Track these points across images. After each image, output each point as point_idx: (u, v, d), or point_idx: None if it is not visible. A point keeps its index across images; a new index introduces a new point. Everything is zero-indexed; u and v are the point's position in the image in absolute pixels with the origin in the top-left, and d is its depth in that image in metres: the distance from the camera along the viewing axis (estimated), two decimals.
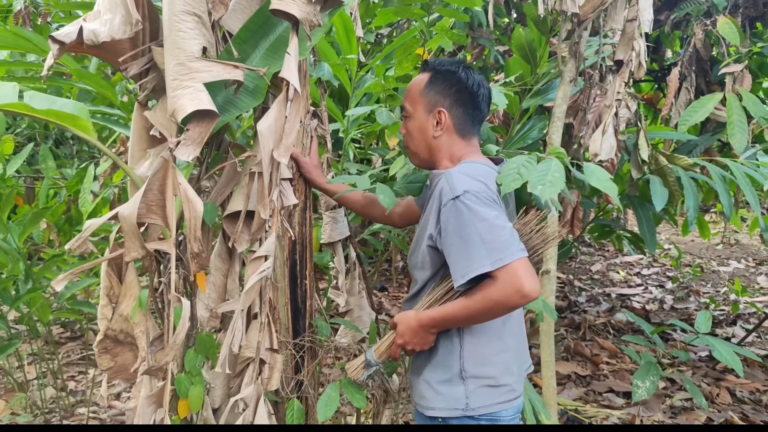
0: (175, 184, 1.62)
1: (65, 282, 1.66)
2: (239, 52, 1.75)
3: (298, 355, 2.02)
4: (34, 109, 1.55)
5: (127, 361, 2.01)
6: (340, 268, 2.20)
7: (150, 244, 1.66)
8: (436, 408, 1.61)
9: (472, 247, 1.47)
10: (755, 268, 6.78)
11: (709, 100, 3.67)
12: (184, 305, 1.66)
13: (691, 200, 3.16)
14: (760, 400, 3.91)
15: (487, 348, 1.62)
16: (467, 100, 1.69)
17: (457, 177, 1.55)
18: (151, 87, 1.74)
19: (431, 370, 1.64)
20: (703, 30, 4.00)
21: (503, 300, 1.45)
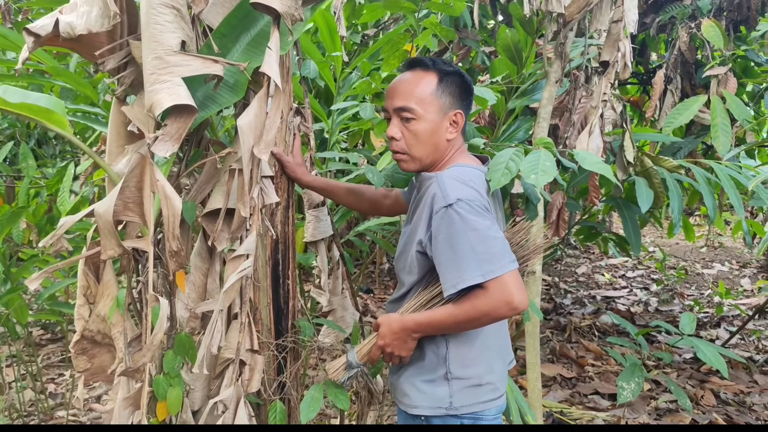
0: (153, 181, 1.58)
1: (39, 281, 1.61)
2: (219, 46, 1.72)
3: (281, 357, 1.99)
4: (7, 102, 1.51)
5: (105, 363, 1.97)
6: (323, 267, 2.17)
7: (127, 242, 1.62)
8: (419, 407, 1.60)
9: (463, 257, 1.45)
10: (739, 271, 6.82)
11: (694, 103, 3.68)
12: (162, 305, 1.62)
13: (675, 202, 3.16)
14: (744, 402, 3.92)
15: (471, 349, 1.60)
16: (469, 101, 1.71)
17: (449, 183, 1.52)
18: (129, 82, 1.70)
19: (415, 370, 1.63)
20: (688, 33, 4.02)
21: (491, 311, 1.45)
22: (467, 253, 1.45)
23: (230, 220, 1.77)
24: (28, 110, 1.56)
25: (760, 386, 4.15)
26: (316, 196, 2.23)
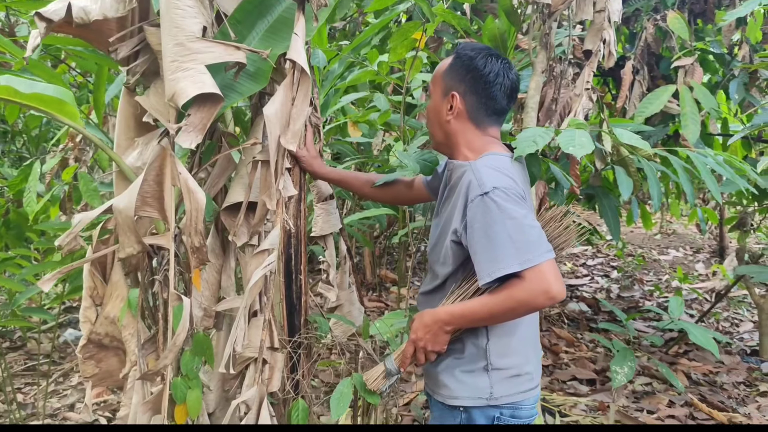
0: (174, 174, 1.51)
1: (52, 282, 1.52)
2: (235, 33, 1.65)
3: (296, 355, 1.94)
4: (20, 92, 1.41)
5: (112, 367, 1.88)
6: (332, 262, 2.12)
7: (147, 238, 1.54)
8: (460, 397, 1.58)
9: (499, 246, 1.43)
10: (693, 256, 7.09)
11: (664, 92, 3.78)
12: (185, 303, 1.55)
13: (654, 189, 3.23)
14: (715, 381, 4.07)
15: (511, 340, 1.59)
16: (481, 88, 1.62)
17: (485, 171, 1.51)
18: (141, 71, 1.62)
19: (454, 361, 1.61)
20: (654, 25, 4.12)
21: (529, 301, 1.42)
22: (504, 241, 1.42)
23: (248, 214, 1.71)
24: (40, 101, 1.47)
25: (726, 366, 4.31)
26: (326, 189, 2.17)
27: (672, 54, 4.41)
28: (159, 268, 1.69)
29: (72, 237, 1.49)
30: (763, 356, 4.45)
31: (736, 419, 3.51)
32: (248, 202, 1.69)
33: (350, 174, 2.04)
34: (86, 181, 3.14)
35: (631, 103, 4.05)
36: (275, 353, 1.79)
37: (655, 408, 3.67)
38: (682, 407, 3.69)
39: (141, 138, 1.68)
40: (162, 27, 1.48)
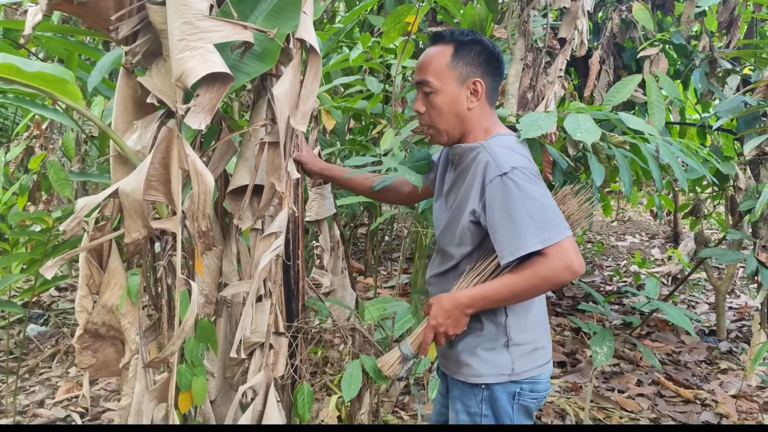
0: (182, 156, 1.47)
1: (55, 268, 1.47)
2: (237, 13, 1.62)
3: (297, 340, 1.93)
4: (23, 71, 1.35)
5: (109, 357, 1.84)
6: (326, 247, 2.12)
7: (155, 222, 1.50)
8: (483, 375, 1.60)
9: (521, 224, 1.45)
10: (648, 242, 7.33)
11: (630, 82, 3.87)
12: (194, 288, 1.52)
13: (625, 176, 3.32)
14: (679, 360, 4.22)
15: (528, 315, 1.63)
16: (494, 68, 1.66)
17: (501, 152, 1.53)
18: (142, 51, 1.57)
19: (474, 340, 1.63)
20: (619, 16, 4.22)
21: (552, 277, 1.45)
22: (525, 220, 1.45)
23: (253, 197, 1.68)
24: (42, 80, 1.41)
25: (687, 345, 4.48)
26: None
27: (634, 45, 4.54)
28: (162, 253, 1.65)
29: (76, 222, 1.44)
30: (720, 336, 4.63)
31: (701, 395, 3.66)
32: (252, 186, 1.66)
33: (348, 171, 2.04)
34: (56, 170, 3.04)
35: (598, 91, 4.15)
36: (280, 338, 1.78)
37: (625, 387, 3.79)
38: (650, 386, 3.82)
39: (140, 121, 1.64)
40: (168, 5, 1.44)
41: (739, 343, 4.51)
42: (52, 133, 3.52)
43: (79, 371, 3.76)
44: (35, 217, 2.88)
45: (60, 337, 4.30)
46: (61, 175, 3.01)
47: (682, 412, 3.47)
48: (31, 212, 3.15)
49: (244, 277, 1.91)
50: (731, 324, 4.87)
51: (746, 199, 3.66)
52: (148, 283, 1.70)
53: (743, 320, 5.01)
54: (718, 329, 4.66)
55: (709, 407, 3.52)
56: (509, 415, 1.62)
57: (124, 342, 1.78)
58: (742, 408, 3.51)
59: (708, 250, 3.88)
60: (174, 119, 1.48)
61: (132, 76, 1.63)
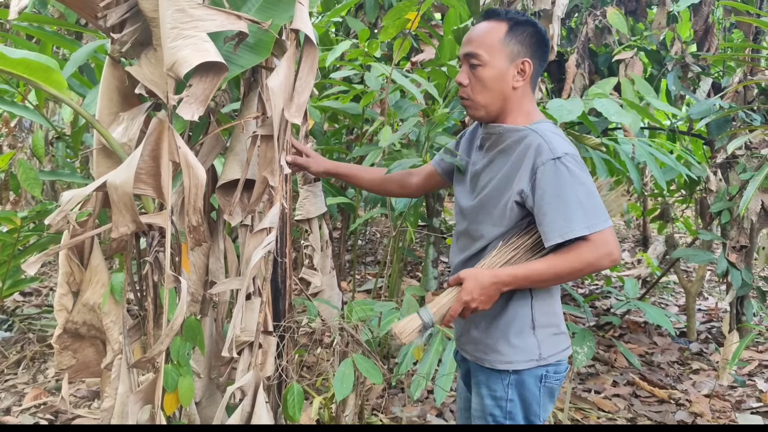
0: (173, 148, 1.43)
1: (38, 264, 1.41)
2: (229, 3, 1.59)
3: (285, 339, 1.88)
4: (7, 57, 1.29)
5: (89, 358, 1.78)
6: (316, 246, 2.08)
7: (144, 217, 1.45)
8: (513, 361, 1.61)
9: (571, 209, 1.49)
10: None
11: (606, 84, 3.92)
12: (183, 285, 1.47)
13: (602, 177, 3.36)
14: (652, 361, 4.27)
15: (551, 299, 1.66)
16: (542, 53, 1.68)
17: (552, 137, 1.56)
18: (130, 39, 1.52)
19: (504, 326, 1.64)
20: (594, 20, 4.28)
21: (595, 262, 1.49)
22: (575, 205, 1.49)
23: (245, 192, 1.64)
24: (26, 68, 1.36)
25: (659, 346, 4.54)
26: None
27: (607, 50, 4.61)
28: (149, 249, 1.60)
29: (62, 216, 1.39)
30: (690, 337, 4.71)
31: (675, 395, 3.71)
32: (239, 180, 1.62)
33: (356, 167, 2.04)
34: (25, 169, 2.94)
35: (574, 94, 4.19)
36: (268, 337, 1.73)
37: (601, 388, 3.81)
38: (626, 386, 3.86)
39: (126, 112, 1.59)
40: None
41: (710, 343, 4.59)
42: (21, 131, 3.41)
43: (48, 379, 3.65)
44: (2, 217, 2.79)
45: (26, 342, 4.16)
46: (30, 174, 2.92)
47: (658, 412, 3.51)
48: None
49: (231, 275, 1.86)
50: (701, 325, 4.95)
51: (717, 201, 3.73)
52: (132, 280, 1.64)
53: (712, 322, 5.10)
54: (689, 331, 4.73)
55: (683, 407, 3.57)
56: (536, 398, 1.63)
57: (106, 342, 1.72)
58: (716, 407, 3.56)
59: (680, 250, 3.95)
60: (164, 110, 1.44)
61: (119, 66, 1.58)
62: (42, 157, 3.43)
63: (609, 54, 4.38)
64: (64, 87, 1.42)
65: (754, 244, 3.94)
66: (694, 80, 4.35)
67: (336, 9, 2.85)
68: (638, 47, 4.39)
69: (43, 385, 3.55)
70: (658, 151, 3.43)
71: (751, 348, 4.48)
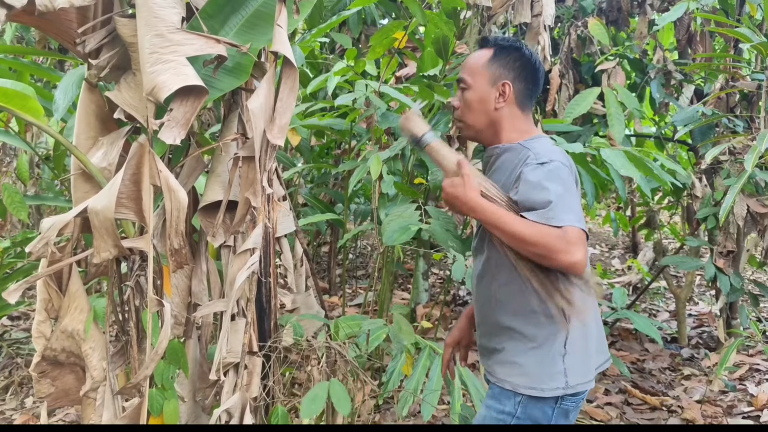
0: (154, 172, 1.43)
1: (19, 292, 1.40)
2: (207, 28, 1.59)
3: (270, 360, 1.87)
4: None
5: (68, 385, 1.76)
6: (288, 265, 2.06)
7: (126, 241, 1.45)
8: (536, 388, 1.58)
9: (552, 199, 1.49)
10: (609, 253, 7.45)
11: (589, 95, 3.95)
12: (167, 309, 1.47)
13: (588, 186, 3.37)
14: (644, 368, 4.28)
15: (587, 325, 1.63)
16: (529, 75, 1.72)
17: (542, 147, 1.61)
18: (108, 64, 1.52)
19: (529, 348, 1.61)
20: (575, 31, 4.32)
21: (553, 248, 1.46)
22: (555, 197, 1.49)
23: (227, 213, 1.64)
24: (3, 96, 1.36)
25: (651, 353, 4.55)
26: (278, 190, 2.11)
27: (590, 60, 4.64)
28: (130, 273, 1.59)
29: (43, 243, 1.38)
30: (681, 343, 4.72)
31: (667, 402, 3.71)
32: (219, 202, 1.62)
33: None
34: (10, 193, 2.92)
35: (560, 105, 4.22)
36: (253, 358, 1.73)
37: (593, 397, 3.81)
38: (618, 394, 3.86)
39: (105, 137, 1.59)
40: (138, 17, 1.40)
41: (701, 349, 4.60)
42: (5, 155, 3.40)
43: (36, 402, 3.61)
44: None
45: (14, 368, 4.11)
46: (16, 198, 2.90)
47: (650, 419, 3.51)
48: None
49: (214, 297, 1.86)
50: (692, 331, 4.96)
51: (703, 207, 3.76)
52: (114, 305, 1.63)
53: (703, 327, 5.12)
54: (680, 336, 4.74)
55: (675, 413, 3.57)
56: (548, 418, 1.61)
57: (85, 368, 1.70)
58: (708, 413, 3.56)
59: (669, 258, 3.96)
60: (143, 134, 1.44)
61: (96, 90, 1.58)
62: (27, 180, 3.41)
63: (592, 63, 4.42)
64: (41, 114, 1.42)
65: (741, 248, 3.97)
66: (677, 87, 4.39)
67: (321, 28, 2.86)
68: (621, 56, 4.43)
69: (31, 411, 3.51)
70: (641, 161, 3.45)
71: (741, 352, 4.49)
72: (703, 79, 4.58)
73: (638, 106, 3.92)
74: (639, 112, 3.93)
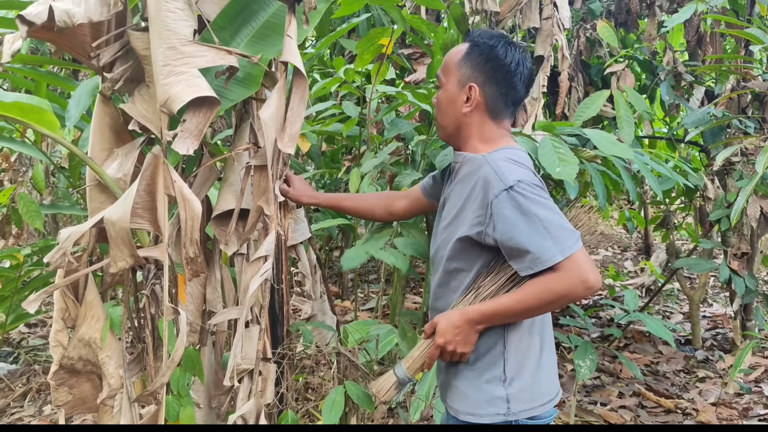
0: (169, 183, 1.45)
1: (38, 302, 1.43)
2: (218, 39, 1.62)
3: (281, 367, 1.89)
4: (1, 102, 1.32)
5: (85, 393, 1.78)
6: (306, 272, 2.08)
7: (142, 251, 1.47)
8: (475, 414, 1.50)
9: (538, 237, 1.37)
10: (621, 255, 7.42)
11: (599, 97, 3.94)
12: (182, 317, 1.49)
13: (599, 189, 3.37)
14: (658, 371, 4.26)
15: (531, 347, 1.53)
16: (502, 78, 1.53)
17: (504, 165, 1.45)
18: (122, 77, 1.55)
19: (470, 371, 1.54)
20: (584, 34, 4.32)
21: (567, 292, 1.37)
22: (541, 233, 1.37)
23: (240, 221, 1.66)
24: (20, 111, 1.39)
25: (665, 356, 4.53)
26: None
27: (599, 62, 4.64)
28: (145, 282, 1.61)
29: (61, 253, 1.41)
30: (695, 345, 4.69)
31: (681, 404, 3.69)
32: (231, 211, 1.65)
33: (340, 196, 2.00)
34: (26, 202, 2.97)
35: (570, 107, 4.22)
36: (267, 364, 1.75)
37: (607, 400, 3.80)
38: (632, 397, 3.85)
39: (120, 148, 1.61)
40: (151, 30, 1.43)
41: (715, 351, 4.57)
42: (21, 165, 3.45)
43: (54, 409, 3.65)
44: (6, 254, 2.81)
45: (31, 375, 4.16)
46: (31, 208, 2.95)
47: (665, 422, 3.50)
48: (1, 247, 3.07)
49: (228, 303, 1.88)
50: (706, 333, 4.94)
51: (716, 209, 3.74)
52: (130, 313, 1.65)
53: (717, 329, 5.09)
54: (694, 338, 4.72)
55: (690, 416, 3.55)
56: None
57: (102, 376, 1.73)
58: (723, 415, 3.55)
59: (682, 260, 3.95)
60: (157, 145, 1.46)
61: (110, 103, 1.61)
62: (42, 189, 3.46)
63: (601, 65, 4.42)
64: (57, 127, 1.45)
65: (755, 250, 3.95)
66: (687, 89, 4.38)
67: (330, 36, 2.88)
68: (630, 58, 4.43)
69: (49, 417, 3.56)
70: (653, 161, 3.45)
71: (756, 354, 4.46)
72: (713, 81, 4.57)
73: (648, 109, 3.91)
74: (648, 115, 3.93)
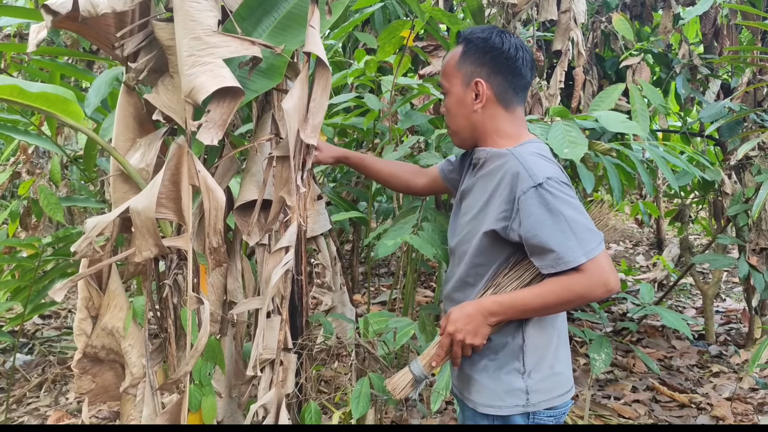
0: (193, 173, 1.46)
1: (64, 291, 1.44)
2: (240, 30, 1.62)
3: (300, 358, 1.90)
4: (26, 92, 1.33)
5: (108, 382, 1.80)
6: (327, 264, 2.09)
7: (167, 240, 1.48)
8: (494, 406, 1.51)
9: (563, 237, 1.37)
10: (633, 249, 7.40)
11: (614, 91, 3.92)
12: (206, 306, 1.50)
13: (614, 182, 3.35)
14: (671, 366, 4.25)
15: (549, 338, 1.54)
16: (505, 66, 1.54)
17: (532, 160, 1.45)
18: (146, 68, 1.56)
19: (489, 363, 1.54)
20: (599, 27, 4.30)
21: (587, 292, 1.37)
22: (566, 232, 1.37)
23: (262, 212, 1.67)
24: (45, 101, 1.39)
25: (678, 350, 4.51)
26: (314, 189, 2.14)
27: (614, 55, 4.62)
28: (168, 272, 1.62)
29: (87, 243, 1.42)
30: (709, 340, 4.68)
31: (696, 399, 3.68)
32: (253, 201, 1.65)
33: (369, 158, 1.98)
34: (46, 195, 2.99)
35: (585, 101, 4.20)
36: (288, 354, 1.75)
37: (621, 394, 3.80)
38: (645, 392, 3.84)
39: (143, 138, 1.62)
40: (176, 21, 1.43)
41: (729, 346, 4.56)
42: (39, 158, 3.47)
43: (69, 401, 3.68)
44: (24, 244, 2.84)
45: (46, 365, 4.20)
46: (52, 200, 2.96)
47: (679, 417, 3.49)
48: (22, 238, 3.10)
49: (248, 294, 1.89)
50: (719, 327, 4.92)
51: (733, 204, 3.71)
52: (152, 303, 1.66)
53: (731, 323, 5.07)
54: (707, 333, 4.70)
55: (704, 411, 3.54)
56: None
57: (124, 365, 1.74)
58: (738, 410, 3.53)
59: (700, 256, 3.93)
60: (181, 135, 1.47)
61: (133, 93, 1.61)
62: (59, 182, 3.48)
63: (616, 59, 4.39)
64: (82, 117, 1.46)
65: None
66: (702, 82, 4.35)
67: (344, 26, 2.88)
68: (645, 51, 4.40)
69: (65, 408, 3.59)
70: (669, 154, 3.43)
71: None
72: (729, 74, 4.54)
73: (663, 102, 3.88)
74: (664, 108, 3.90)
